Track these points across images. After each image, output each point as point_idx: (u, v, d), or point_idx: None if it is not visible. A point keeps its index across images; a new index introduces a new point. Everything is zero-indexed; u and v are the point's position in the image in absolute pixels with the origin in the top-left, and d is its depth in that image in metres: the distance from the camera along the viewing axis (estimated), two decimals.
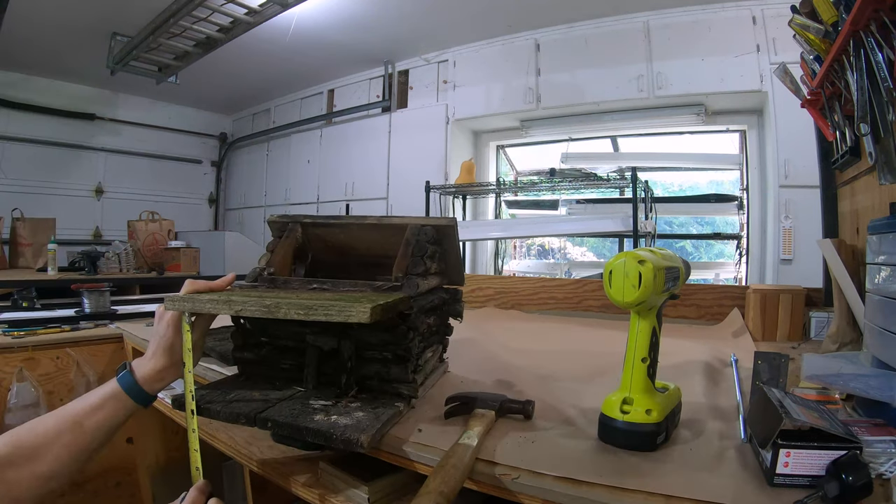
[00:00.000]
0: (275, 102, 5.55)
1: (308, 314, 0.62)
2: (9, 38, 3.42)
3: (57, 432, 0.62)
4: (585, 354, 1.22)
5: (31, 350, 1.54)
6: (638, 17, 3.44)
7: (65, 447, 0.61)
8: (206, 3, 3.01)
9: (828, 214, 1.63)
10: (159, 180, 5.57)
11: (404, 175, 4.35)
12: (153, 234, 3.51)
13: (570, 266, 4.23)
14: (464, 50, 4.15)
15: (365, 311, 0.61)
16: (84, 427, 0.63)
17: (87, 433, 0.63)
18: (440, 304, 0.91)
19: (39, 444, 0.60)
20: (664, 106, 3.49)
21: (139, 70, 4.03)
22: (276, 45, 3.96)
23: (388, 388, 0.78)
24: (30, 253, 3.32)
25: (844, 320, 1.18)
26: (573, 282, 1.93)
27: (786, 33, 1.36)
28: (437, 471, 0.57)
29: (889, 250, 0.74)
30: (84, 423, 0.63)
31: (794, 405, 0.56)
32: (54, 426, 0.62)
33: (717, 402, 0.82)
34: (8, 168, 4.53)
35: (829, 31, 1.12)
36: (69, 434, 0.62)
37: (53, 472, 0.60)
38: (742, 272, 3.49)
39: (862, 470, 0.48)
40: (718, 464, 0.59)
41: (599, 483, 0.54)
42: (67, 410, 0.64)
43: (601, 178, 3.30)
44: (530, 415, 0.74)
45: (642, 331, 0.65)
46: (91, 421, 0.63)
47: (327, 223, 0.93)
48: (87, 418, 0.63)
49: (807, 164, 2.51)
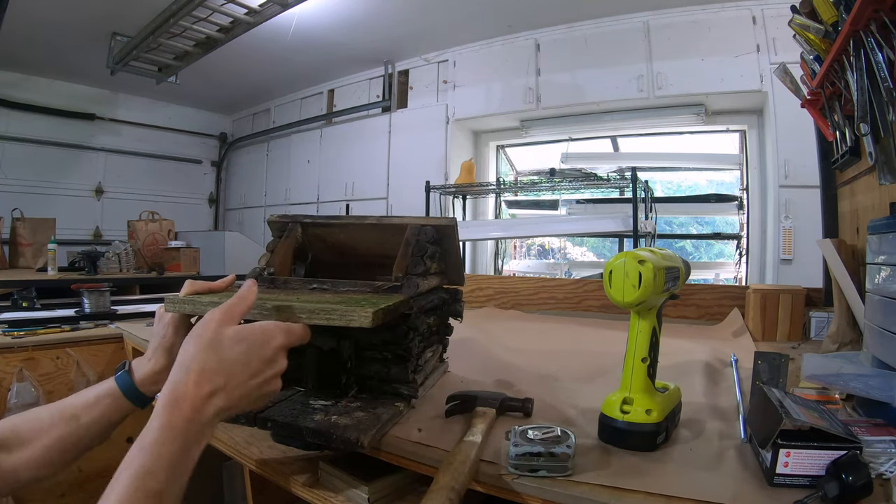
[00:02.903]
0: (275, 102, 5.55)
1: (310, 318, 0.62)
2: (9, 38, 3.42)
3: (52, 423, 0.62)
4: (585, 354, 1.22)
5: (31, 350, 1.54)
6: (638, 17, 3.44)
7: (58, 439, 0.61)
8: (206, 3, 3.01)
9: (828, 214, 1.63)
10: (159, 180, 5.57)
11: (404, 175, 4.35)
12: (153, 234, 3.52)
13: (570, 266, 4.23)
14: (464, 50, 4.15)
15: (367, 316, 0.61)
16: (80, 422, 0.62)
17: (82, 428, 0.62)
18: (440, 304, 0.91)
19: (34, 433, 0.61)
20: (664, 106, 3.50)
21: (139, 70, 4.03)
22: (276, 45, 3.96)
23: (388, 388, 0.78)
24: (30, 253, 3.33)
25: (844, 320, 1.18)
26: (573, 282, 1.93)
27: (786, 33, 1.36)
28: (446, 467, 0.57)
29: (889, 250, 0.74)
30: (80, 417, 0.63)
31: (794, 405, 0.56)
32: (49, 417, 0.62)
33: (717, 402, 0.82)
34: (8, 168, 4.53)
35: (829, 31, 1.12)
36: (64, 426, 0.62)
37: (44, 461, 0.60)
38: (742, 272, 3.49)
39: (862, 470, 0.48)
40: (718, 464, 0.59)
41: (599, 483, 0.54)
42: (66, 403, 0.64)
43: (601, 178, 3.30)
44: (530, 412, 0.74)
45: (642, 331, 0.65)
46: (87, 417, 0.63)
47: (327, 223, 0.93)
48: (83, 414, 0.63)
49: (807, 164, 2.51)
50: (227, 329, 0.54)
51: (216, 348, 0.52)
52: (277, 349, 0.56)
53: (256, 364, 0.54)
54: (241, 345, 0.53)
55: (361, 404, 0.74)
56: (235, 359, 0.52)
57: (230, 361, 0.52)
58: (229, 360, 0.52)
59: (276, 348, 0.56)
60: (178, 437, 0.47)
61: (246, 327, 0.55)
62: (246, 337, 0.54)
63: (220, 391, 0.51)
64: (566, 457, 0.56)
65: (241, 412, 0.62)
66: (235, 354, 0.53)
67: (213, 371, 0.51)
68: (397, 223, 0.88)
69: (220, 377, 0.51)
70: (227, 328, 0.54)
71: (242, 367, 0.53)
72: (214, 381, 0.50)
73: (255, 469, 0.82)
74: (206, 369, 0.51)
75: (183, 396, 0.49)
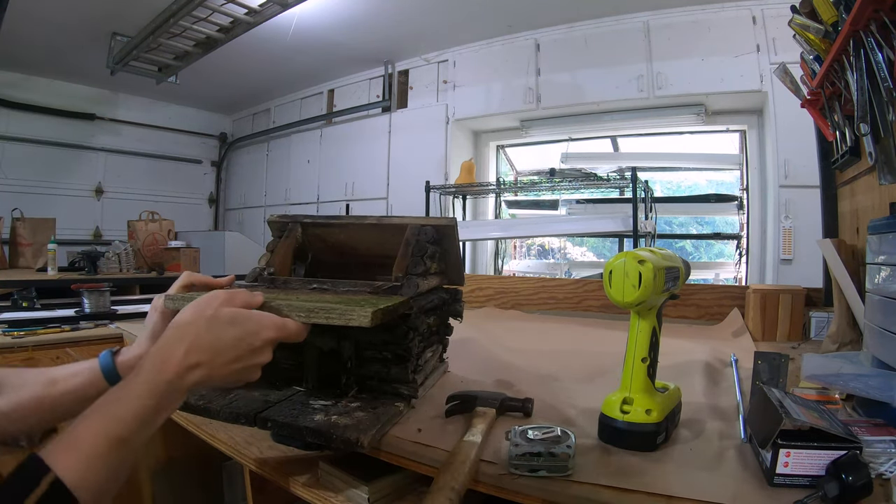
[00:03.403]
0: (275, 102, 5.55)
1: (309, 317, 0.62)
2: (9, 38, 3.42)
3: (33, 382, 0.64)
4: (585, 354, 1.22)
5: (31, 350, 1.54)
6: (638, 17, 3.44)
7: (34, 398, 0.63)
8: (206, 3, 3.01)
9: (828, 214, 1.63)
10: (159, 180, 5.57)
11: (404, 175, 4.35)
12: (153, 234, 3.52)
13: (570, 266, 4.23)
14: (464, 50, 4.15)
15: (366, 315, 0.61)
16: (56, 387, 0.64)
17: (57, 393, 0.64)
18: (440, 304, 0.91)
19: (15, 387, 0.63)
20: (664, 106, 3.50)
21: (139, 70, 4.04)
22: (276, 45, 3.96)
23: (388, 388, 0.78)
24: (30, 253, 3.32)
25: (844, 320, 1.18)
26: (573, 282, 1.93)
27: (786, 33, 1.36)
28: (446, 467, 0.57)
29: (889, 250, 0.74)
30: (58, 383, 0.65)
31: (794, 405, 0.56)
32: (33, 377, 0.65)
33: (717, 402, 0.82)
34: (8, 168, 4.53)
35: (829, 31, 1.12)
36: (41, 388, 0.64)
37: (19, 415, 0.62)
38: (742, 272, 3.49)
39: (862, 470, 0.48)
40: (718, 464, 0.59)
41: (599, 483, 0.54)
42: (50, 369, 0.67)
43: (601, 178, 3.30)
44: (530, 412, 0.74)
45: (642, 331, 0.65)
46: (63, 385, 0.65)
47: (327, 223, 0.93)
48: (62, 381, 0.65)
49: (807, 164, 2.51)
50: (226, 309, 0.57)
51: (212, 325, 0.55)
52: (267, 341, 0.58)
53: (243, 350, 0.56)
54: (235, 328, 0.56)
55: (361, 404, 0.74)
56: (226, 340, 0.55)
57: (221, 341, 0.55)
58: (221, 340, 0.55)
59: (265, 340, 0.58)
60: (155, 396, 0.50)
61: (243, 312, 0.58)
62: (241, 322, 0.57)
63: (204, 365, 0.53)
64: (566, 457, 0.56)
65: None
66: (228, 336, 0.55)
67: (204, 346, 0.53)
68: (397, 223, 0.88)
69: (208, 353, 0.53)
70: (226, 308, 0.57)
71: (230, 350, 0.55)
72: (202, 355, 0.53)
73: (255, 469, 0.82)
74: (198, 342, 0.53)
75: (170, 360, 0.52)
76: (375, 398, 0.77)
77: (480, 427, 0.66)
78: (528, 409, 0.74)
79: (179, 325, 0.55)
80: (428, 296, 0.85)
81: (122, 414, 0.48)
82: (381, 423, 0.67)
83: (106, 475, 0.45)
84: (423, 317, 0.82)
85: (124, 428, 0.47)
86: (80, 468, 0.44)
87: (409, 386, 0.78)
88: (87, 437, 0.46)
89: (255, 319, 0.58)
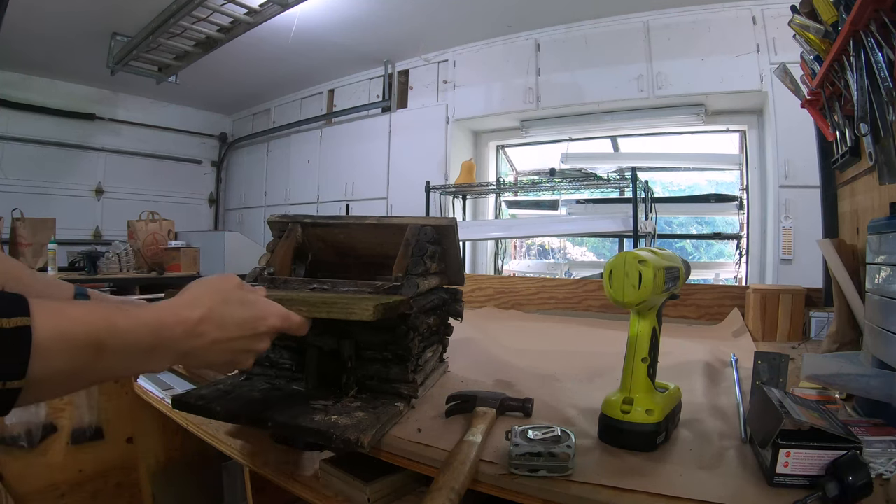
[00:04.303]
0: (275, 102, 5.55)
1: (311, 312, 0.62)
2: (9, 38, 3.42)
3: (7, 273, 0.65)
4: (585, 354, 1.21)
5: None
6: (638, 17, 3.44)
7: None
8: (206, 3, 3.01)
9: (828, 214, 1.62)
10: (159, 180, 5.57)
11: (404, 175, 4.35)
12: (153, 234, 3.52)
13: (570, 266, 4.23)
14: (464, 50, 4.15)
15: (368, 309, 0.61)
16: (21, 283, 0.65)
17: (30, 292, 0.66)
18: (440, 304, 0.91)
19: None
20: (664, 106, 3.50)
21: (139, 70, 4.04)
22: (277, 45, 3.96)
23: (388, 387, 0.78)
24: (30, 253, 3.32)
25: (844, 320, 1.18)
26: (573, 282, 1.92)
27: (786, 33, 1.36)
28: (446, 468, 0.57)
29: (889, 250, 0.74)
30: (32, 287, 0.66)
31: (794, 405, 0.56)
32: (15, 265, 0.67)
33: (717, 402, 0.82)
34: (8, 168, 4.53)
35: (829, 31, 1.12)
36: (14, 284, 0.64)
37: None
38: (742, 272, 3.49)
39: (862, 470, 0.48)
40: (718, 464, 0.59)
41: (599, 483, 0.54)
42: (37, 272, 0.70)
43: (601, 178, 3.30)
44: (530, 412, 0.74)
45: (642, 331, 0.65)
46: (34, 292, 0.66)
47: (327, 223, 0.93)
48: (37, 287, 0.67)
49: (807, 164, 2.52)
50: (239, 291, 0.58)
51: (228, 303, 0.55)
52: (270, 328, 0.59)
53: (247, 332, 0.57)
54: (245, 310, 0.57)
55: (361, 404, 0.74)
56: (235, 319, 0.55)
57: (230, 318, 0.55)
58: (231, 317, 0.55)
59: (269, 327, 0.59)
60: (152, 340, 0.48)
61: (253, 297, 0.59)
62: (250, 305, 0.58)
63: (207, 336, 0.53)
64: (566, 457, 0.56)
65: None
66: (237, 315, 0.56)
67: (215, 319, 0.54)
68: (397, 223, 0.88)
69: (215, 327, 0.54)
70: (240, 291, 0.58)
71: (235, 329, 0.55)
72: (210, 326, 0.53)
73: (255, 469, 0.82)
74: (211, 315, 0.53)
75: (184, 321, 0.51)
76: (375, 398, 0.77)
77: (480, 427, 0.66)
78: (528, 409, 0.74)
79: (196, 294, 0.54)
80: (428, 296, 0.85)
81: (116, 325, 0.45)
82: (381, 423, 0.67)
83: (65, 365, 0.41)
84: (423, 317, 0.83)
85: (108, 334, 0.44)
86: (53, 336, 0.40)
87: (409, 386, 0.78)
88: (77, 316, 0.42)
89: (263, 306, 0.59)
